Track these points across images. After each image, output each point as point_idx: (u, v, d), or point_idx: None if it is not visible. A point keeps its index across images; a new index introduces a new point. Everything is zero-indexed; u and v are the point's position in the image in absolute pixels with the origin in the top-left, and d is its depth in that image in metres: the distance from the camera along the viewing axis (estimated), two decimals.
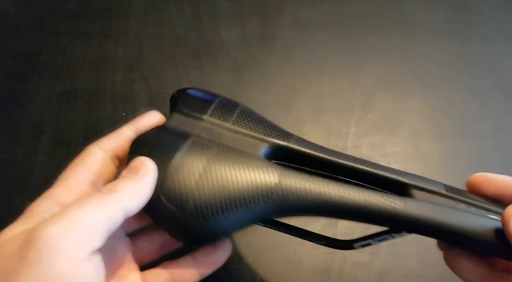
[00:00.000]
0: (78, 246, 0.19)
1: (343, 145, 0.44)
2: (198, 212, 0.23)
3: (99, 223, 0.21)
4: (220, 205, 0.24)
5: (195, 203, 0.23)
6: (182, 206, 0.23)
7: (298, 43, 0.52)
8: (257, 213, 0.24)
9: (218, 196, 0.24)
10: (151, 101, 0.47)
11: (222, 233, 0.25)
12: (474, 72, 0.49)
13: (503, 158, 0.43)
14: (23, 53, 0.51)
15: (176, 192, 0.24)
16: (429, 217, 0.23)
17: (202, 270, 0.26)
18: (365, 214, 0.24)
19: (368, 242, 0.26)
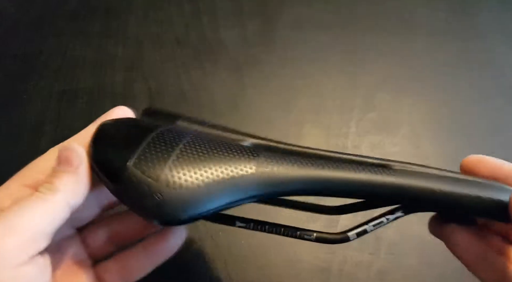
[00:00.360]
0: (17, 251, 0.19)
1: (343, 144, 0.44)
2: (173, 179, 0.22)
3: (41, 226, 0.20)
4: (195, 174, 0.23)
5: (171, 170, 0.22)
6: (156, 175, 0.22)
7: (298, 43, 0.52)
8: (235, 188, 0.23)
9: (194, 165, 0.23)
10: (151, 101, 0.47)
11: (197, 208, 0.23)
12: (474, 72, 0.49)
13: (503, 158, 0.43)
14: (23, 53, 0.51)
15: (149, 161, 0.23)
16: (420, 183, 0.24)
17: (154, 259, 0.26)
18: (359, 187, 0.24)
19: (363, 229, 0.25)
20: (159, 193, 0.22)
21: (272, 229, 0.26)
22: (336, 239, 0.25)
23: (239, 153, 0.24)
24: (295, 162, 0.24)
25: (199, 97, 0.47)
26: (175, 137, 0.24)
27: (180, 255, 0.38)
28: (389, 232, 0.39)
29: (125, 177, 0.22)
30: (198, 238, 0.38)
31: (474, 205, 0.23)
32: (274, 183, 0.23)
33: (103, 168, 0.23)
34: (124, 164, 0.22)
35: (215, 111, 0.46)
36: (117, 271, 0.25)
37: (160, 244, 0.26)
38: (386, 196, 0.24)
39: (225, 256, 0.37)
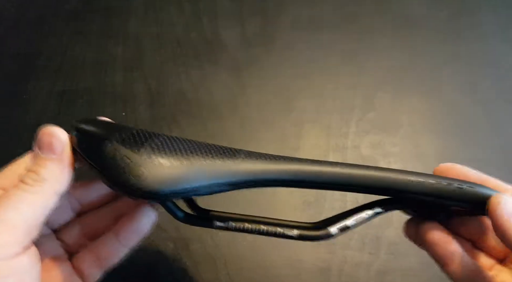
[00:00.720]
0: (11, 243, 0.20)
1: (343, 144, 0.44)
2: (154, 156, 0.23)
3: (32, 217, 0.21)
4: (175, 155, 0.24)
5: (152, 149, 0.24)
6: (139, 150, 0.23)
7: (298, 43, 0.52)
8: (213, 173, 0.24)
9: (173, 150, 0.24)
10: (151, 101, 0.47)
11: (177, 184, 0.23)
12: (474, 72, 0.49)
13: (503, 158, 0.43)
14: (23, 53, 0.51)
15: (131, 140, 0.24)
16: (397, 175, 0.25)
17: (127, 242, 0.26)
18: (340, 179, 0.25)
19: (344, 224, 0.26)
20: (141, 166, 0.23)
21: (252, 229, 0.26)
22: (318, 235, 0.26)
23: (219, 147, 0.26)
24: (271, 158, 0.25)
25: (199, 97, 0.47)
26: (152, 133, 0.25)
27: (180, 255, 0.38)
28: (389, 232, 0.39)
29: (109, 151, 0.23)
30: (198, 238, 0.38)
31: (455, 195, 0.24)
32: (252, 171, 0.24)
33: (87, 146, 0.24)
34: (108, 140, 0.24)
35: (215, 111, 0.46)
36: (92, 259, 0.26)
37: (129, 227, 0.26)
38: (362, 186, 0.25)
39: (225, 256, 0.38)
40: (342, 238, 0.38)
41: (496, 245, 0.26)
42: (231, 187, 0.25)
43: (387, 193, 0.25)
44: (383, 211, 0.26)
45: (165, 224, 0.39)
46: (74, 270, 0.26)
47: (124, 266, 0.29)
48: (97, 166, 0.23)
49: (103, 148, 0.24)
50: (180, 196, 0.24)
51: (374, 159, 0.43)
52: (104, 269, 0.26)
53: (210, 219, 0.27)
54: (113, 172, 0.23)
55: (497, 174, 0.43)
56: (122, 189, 0.23)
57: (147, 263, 0.37)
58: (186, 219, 0.27)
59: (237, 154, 0.25)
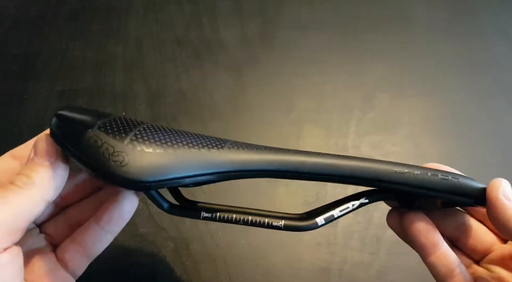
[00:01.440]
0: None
1: (343, 144, 0.44)
2: (138, 144, 0.23)
3: (16, 220, 0.21)
4: (158, 144, 0.23)
5: (136, 137, 0.23)
6: (121, 138, 0.23)
7: (298, 43, 0.52)
8: (198, 163, 0.24)
9: (156, 138, 0.24)
10: (151, 101, 0.47)
11: (160, 174, 0.23)
12: (474, 72, 0.49)
13: (503, 158, 0.43)
14: (23, 53, 0.51)
15: (114, 128, 0.23)
16: (381, 166, 0.25)
17: (109, 228, 0.26)
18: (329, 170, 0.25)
19: (330, 215, 0.25)
20: (124, 153, 0.22)
21: (239, 219, 0.26)
22: (304, 225, 0.26)
23: (205, 137, 0.25)
24: (257, 148, 0.25)
25: (199, 97, 0.47)
26: (135, 121, 0.25)
27: (180, 255, 0.38)
28: (389, 232, 0.39)
29: (90, 138, 0.23)
30: (198, 238, 0.38)
31: (440, 186, 0.24)
32: (237, 162, 0.24)
33: (67, 133, 0.24)
34: (90, 127, 0.23)
35: (215, 111, 0.46)
36: (74, 249, 0.26)
37: (111, 212, 0.26)
38: (343, 175, 0.25)
39: (225, 256, 0.37)
40: (342, 238, 0.38)
41: (475, 246, 0.26)
42: (216, 177, 0.24)
43: (372, 184, 0.25)
44: (368, 201, 0.26)
45: (165, 224, 0.39)
46: (58, 261, 0.25)
47: (124, 266, 0.29)
48: (78, 153, 0.23)
49: (84, 134, 0.23)
50: (164, 186, 0.23)
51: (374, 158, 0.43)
52: (88, 258, 0.26)
53: (196, 209, 0.26)
54: (94, 159, 0.22)
55: (497, 174, 0.43)
56: (104, 176, 0.22)
57: (147, 263, 0.37)
58: (172, 209, 0.26)
59: (223, 144, 0.25)
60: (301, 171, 0.25)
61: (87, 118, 0.24)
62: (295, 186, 0.41)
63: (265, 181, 0.29)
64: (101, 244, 0.26)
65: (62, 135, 0.23)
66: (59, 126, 0.24)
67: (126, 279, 0.36)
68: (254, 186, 0.40)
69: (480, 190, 0.24)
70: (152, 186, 0.23)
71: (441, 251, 0.25)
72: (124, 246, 0.37)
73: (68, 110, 0.25)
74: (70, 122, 0.24)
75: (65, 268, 0.25)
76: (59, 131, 0.24)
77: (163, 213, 0.27)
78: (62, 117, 0.24)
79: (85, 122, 0.24)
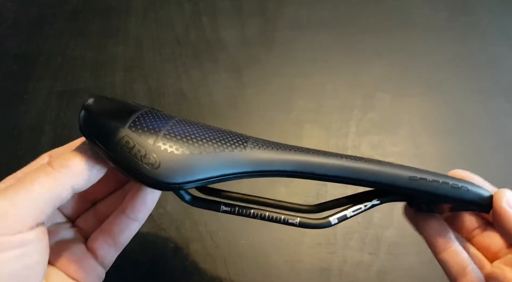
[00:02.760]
0: (18, 222, 0.21)
1: (343, 144, 0.44)
2: (168, 145, 0.23)
3: (44, 202, 0.21)
4: (187, 145, 0.24)
5: (165, 137, 0.24)
6: (152, 139, 0.23)
7: (298, 43, 0.52)
8: (225, 163, 0.24)
9: (185, 138, 0.24)
10: (151, 101, 0.47)
11: (189, 175, 0.24)
12: (474, 72, 0.49)
13: (503, 158, 0.43)
14: (23, 53, 0.51)
15: (144, 127, 0.24)
16: (393, 170, 0.25)
17: (134, 215, 0.27)
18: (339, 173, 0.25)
19: (344, 214, 0.27)
20: (155, 154, 0.23)
21: (256, 214, 0.27)
22: (319, 223, 0.26)
23: (229, 134, 0.26)
24: (279, 147, 0.26)
25: (199, 97, 0.47)
26: (162, 116, 0.25)
27: (180, 255, 0.38)
28: (389, 232, 0.39)
29: (122, 139, 0.23)
30: (198, 238, 0.38)
31: (450, 193, 0.25)
32: (259, 163, 0.25)
33: (97, 129, 0.24)
34: (121, 125, 0.23)
35: (215, 111, 0.46)
36: (103, 239, 0.27)
37: (135, 199, 0.27)
38: (359, 179, 0.25)
39: (225, 256, 0.38)
40: (342, 238, 0.38)
41: (489, 246, 0.27)
42: (239, 177, 0.25)
43: (387, 189, 0.26)
44: (379, 203, 0.27)
45: (165, 224, 0.39)
46: (88, 251, 0.26)
47: (125, 266, 0.29)
48: (109, 151, 0.23)
49: (115, 134, 0.23)
50: (192, 186, 0.24)
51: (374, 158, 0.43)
52: (116, 247, 0.27)
53: (217, 203, 0.27)
54: (126, 161, 0.23)
55: (497, 174, 0.43)
56: (136, 178, 0.23)
57: (147, 263, 0.37)
58: (193, 202, 0.27)
59: (245, 143, 0.26)
60: (320, 173, 0.25)
61: (117, 115, 0.24)
62: (295, 185, 0.41)
63: (265, 180, 0.29)
64: (128, 232, 0.27)
65: (92, 132, 0.23)
66: (88, 122, 0.24)
67: (126, 279, 0.36)
68: (254, 185, 0.40)
69: (487, 198, 0.25)
70: (181, 187, 0.24)
71: (453, 248, 0.26)
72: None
73: (96, 102, 0.25)
74: (99, 118, 0.24)
75: (95, 258, 0.26)
76: (88, 127, 0.24)
77: (163, 213, 0.28)
78: (91, 111, 0.24)
79: (115, 119, 0.24)
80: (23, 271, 0.21)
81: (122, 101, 0.27)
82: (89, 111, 0.24)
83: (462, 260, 0.26)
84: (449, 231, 0.27)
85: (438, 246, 0.27)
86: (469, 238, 0.28)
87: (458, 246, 0.26)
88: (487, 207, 0.25)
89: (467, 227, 0.28)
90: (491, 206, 0.25)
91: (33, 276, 0.21)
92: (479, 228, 0.28)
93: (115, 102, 0.27)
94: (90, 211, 0.29)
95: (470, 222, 0.28)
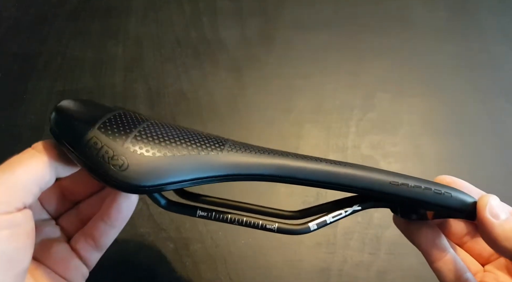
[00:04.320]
0: (4, 201, 0.21)
1: (343, 144, 0.44)
2: (138, 147, 0.22)
3: (29, 183, 0.22)
4: (159, 147, 0.23)
5: (136, 139, 0.23)
6: (122, 140, 0.22)
7: (298, 43, 0.52)
8: (198, 166, 0.24)
9: (157, 140, 0.23)
10: (151, 101, 0.47)
11: (160, 178, 0.23)
12: (474, 72, 0.49)
13: (503, 158, 0.43)
14: (23, 53, 0.51)
15: (114, 128, 0.23)
16: (374, 175, 0.25)
17: (112, 223, 0.27)
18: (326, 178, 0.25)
19: (323, 220, 0.26)
20: (123, 156, 0.22)
21: (234, 219, 0.26)
22: (297, 229, 0.26)
23: (206, 137, 0.25)
24: (256, 151, 0.25)
25: (199, 97, 0.47)
26: (136, 118, 0.25)
27: (180, 255, 0.38)
28: (389, 232, 0.39)
29: (91, 140, 0.22)
30: (198, 238, 0.38)
31: (433, 200, 0.24)
32: (235, 166, 0.24)
33: (66, 130, 0.23)
34: (90, 128, 0.23)
35: (215, 111, 0.46)
36: (85, 240, 0.27)
37: (112, 208, 0.27)
38: (339, 184, 0.25)
39: (225, 256, 0.38)
40: (342, 238, 0.38)
41: (481, 251, 0.27)
42: (213, 180, 0.24)
43: (366, 193, 0.25)
44: (360, 208, 0.26)
45: (165, 224, 0.39)
46: (71, 251, 0.27)
47: (125, 266, 0.29)
48: (75, 151, 0.22)
49: (84, 135, 0.22)
50: (163, 190, 0.23)
51: (374, 159, 0.43)
52: (98, 249, 0.27)
53: (193, 207, 0.26)
54: (93, 162, 0.22)
55: (497, 174, 0.43)
56: (103, 180, 0.22)
57: (147, 263, 0.37)
58: (169, 206, 0.26)
59: (222, 146, 0.25)
60: (298, 177, 0.25)
61: (87, 116, 0.24)
62: (295, 186, 0.41)
63: None
64: (107, 237, 0.27)
65: (61, 133, 0.23)
66: (58, 123, 0.23)
67: (126, 279, 0.36)
68: (254, 185, 0.40)
69: (471, 205, 0.24)
70: (151, 190, 0.23)
71: (448, 257, 0.26)
72: (124, 246, 0.37)
73: (68, 104, 0.24)
74: (69, 119, 0.23)
75: (79, 258, 0.27)
76: (58, 128, 0.23)
77: (163, 213, 0.28)
78: (62, 112, 0.24)
79: (85, 121, 0.23)
80: (12, 253, 0.21)
81: (97, 104, 0.26)
82: (60, 112, 0.24)
83: (458, 269, 0.25)
84: (443, 238, 0.26)
85: (432, 255, 0.26)
86: (460, 244, 0.28)
87: (453, 255, 0.26)
88: (472, 214, 0.24)
89: (457, 233, 0.27)
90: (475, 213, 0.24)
91: (20, 259, 0.21)
92: (468, 234, 0.27)
93: (89, 104, 0.26)
94: (73, 210, 0.29)
95: (459, 228, 0.27)
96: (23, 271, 0.21)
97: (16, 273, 0.21)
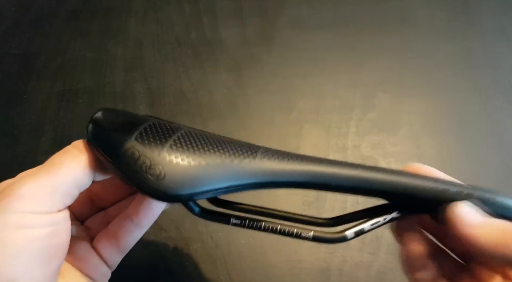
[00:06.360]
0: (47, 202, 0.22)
1: (343, 144, 0.44)
2: (174, 156, 0.23)
3: (70, 185, 0.23)
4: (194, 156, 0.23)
5: (171, 148, 0.23)
6: (158, 150, 0.23)
7: (298, 43, 0.52)
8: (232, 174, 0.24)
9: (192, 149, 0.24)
10: (151, 101, 0.47)
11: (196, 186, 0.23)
12: (474, 72, 0.49)
13: (502, 158, 0.43)
14: (23, 53, 0.51)
15: (150, 138, 0.24)
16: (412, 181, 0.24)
17: (139, 221, 0.27)
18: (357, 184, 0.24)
19: (361, 229, 0.25)
20: (160, 165, 0.23)
21: (268, 227, 0.26)
22: (334, 238, 0.25)
23: (238, 144, 0.25)
24: (289, 158, 0.25)
25: (199, 97, 0.47)
26: (170, 127, 0.25)
27: (180, 255, 0.38)
28: (389, 232, 0.39)
29: (128, 150, 0.23)
30: (198, 238, 0.38)
31: None
32: (269, 173, 0.24)
33: (103, 140, 0.24)
34: (127, 138, 0.23)
35: (215, 111, 0.46)
36: (107, 240, 0.27)
37: (140, 205, 0.27)
38: (376, 190, 0.24)
39: (225, 256, 0.38)
40: None
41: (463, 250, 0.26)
42: (248, 188, 0.24)
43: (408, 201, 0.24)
44: (400, 215, 0.25)
45: (165, 224, 0.39)
46: (93, 250, 0.27)
47: (125, 266, 0.29)
48: (115, 163, 0.23)
49: (121, 146, 0.23)
50: (198, 198, 0.24)
51: (374, 159, 0.43)
52: (120, 250, 0.27)
53: (227, 215, 0.26)
54: (132, 172, 0.23)
55: (497, 174, 0.43)
56: (141, 189, 0.23)
57: (147, 263, 0.37)
58: (203, 214, 0.26)
59: (255, 153, 0.25)
60: (335, 184, 0.24)
61: (124, 127, 0.24)
62: None
63: None
64: (131, 237, 0.27)
65: (99, 144, 0.24)
66: (95, 135, 0.24)
67: (126, 279, 0.36)
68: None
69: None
70: (187, 199, 0.23)
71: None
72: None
73: (103, 115, 0.25)
74: (106, 130, 0.24)
75: (99, 256, 0.27)
76: (96, 140, 0.24)
77: (163, 213, 0.27)
78: (98, 124, 0.25)
79: (122, 131, 0.24)
80: (50, 250, 0.21)
81: (130, 114, 0.27)
82: (97, 124, 0.24)
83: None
84: (430, 244, 0.26)
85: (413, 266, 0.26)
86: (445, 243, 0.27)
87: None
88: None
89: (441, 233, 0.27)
90: None
91: (57, 256, 0.22)
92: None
93: (123, 114, 0.26)
94: (100, 213, 0.29)
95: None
96: (59, 267, 0.22)
97: (53, 268, 0.22)
